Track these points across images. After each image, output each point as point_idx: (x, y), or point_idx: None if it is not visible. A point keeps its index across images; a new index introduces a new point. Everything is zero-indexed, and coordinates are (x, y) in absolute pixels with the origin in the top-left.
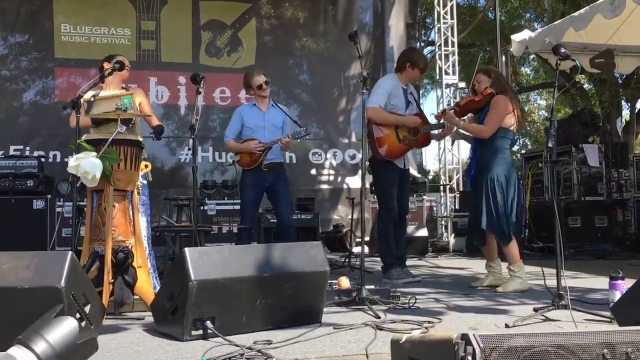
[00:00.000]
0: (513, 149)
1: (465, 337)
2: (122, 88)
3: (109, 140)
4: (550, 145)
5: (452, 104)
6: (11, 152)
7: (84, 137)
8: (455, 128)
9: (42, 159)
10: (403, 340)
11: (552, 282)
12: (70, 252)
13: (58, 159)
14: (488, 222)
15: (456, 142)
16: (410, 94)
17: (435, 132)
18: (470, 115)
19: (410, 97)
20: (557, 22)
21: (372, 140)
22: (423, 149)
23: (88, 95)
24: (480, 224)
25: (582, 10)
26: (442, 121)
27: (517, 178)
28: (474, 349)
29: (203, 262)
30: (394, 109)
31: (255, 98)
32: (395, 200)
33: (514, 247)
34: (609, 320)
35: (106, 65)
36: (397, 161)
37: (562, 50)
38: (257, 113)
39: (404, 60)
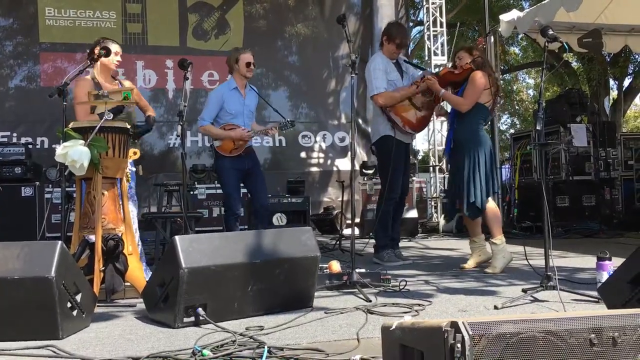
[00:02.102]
0: (500, 128)
1: (454, 325)
2: (112, 77)
3: (97, 128)
4: (538, 127)
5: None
6: None
7: (71, 125)
8: (440, 106)
9: (30, 146)
10: (393, 327)
11: (540, 262)
12: (59, 242)
13: (46, 145)
14: (466, 198)
15: (444, 123)
16: (404, 62)
17: None
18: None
19: (404, 66)
20: (546, 1)
21: (389, 118)
22: None
23: (87, 86)
24: (460, 201)
25: None
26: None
27: (492, 152)
28: (463, 337)
29: (194, 250)
30: (391, 83)
31: (236, 78)
32: (400, 181)
33: (496, 221)
34: (597, 300)
35: (97, 51)
36: (404, 137)
37: (550, 32)
38: (238, 98)
39: (382, 34)
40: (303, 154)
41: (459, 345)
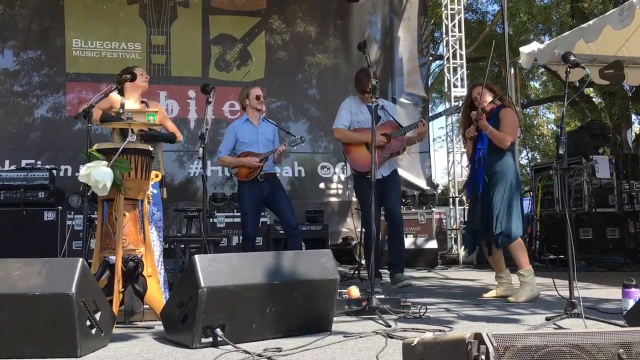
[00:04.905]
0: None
1: (478, 337)
2: (142, 102)
3: (120, 149)
4: (561, 152)
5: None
6: (22, 166)
7: (95, 147)
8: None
9: (54, 171)
10: (415, 343)
11: (564, 293)
12: (81, 259)
13: (69, 173)
14: (502, 225)
15: (465, 155)
16: (381, 108)
17: (411, 134)
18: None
19: (381, 112)
20: (566, 33)
21: (346, 157)
22: (432, 163)
23: (116, 98)
24: (494, 229)
25: (591, 22)
26: (418, 121)
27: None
28: (487, 348)
29: (213, 269)
30: (359, 124)
31: (248, 113)
32: (372, 214)
33: (523, 252)
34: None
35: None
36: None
37: (572, 57)
38: (250, 128)
39: None
40: (322, 185)
41: (483, 357)
